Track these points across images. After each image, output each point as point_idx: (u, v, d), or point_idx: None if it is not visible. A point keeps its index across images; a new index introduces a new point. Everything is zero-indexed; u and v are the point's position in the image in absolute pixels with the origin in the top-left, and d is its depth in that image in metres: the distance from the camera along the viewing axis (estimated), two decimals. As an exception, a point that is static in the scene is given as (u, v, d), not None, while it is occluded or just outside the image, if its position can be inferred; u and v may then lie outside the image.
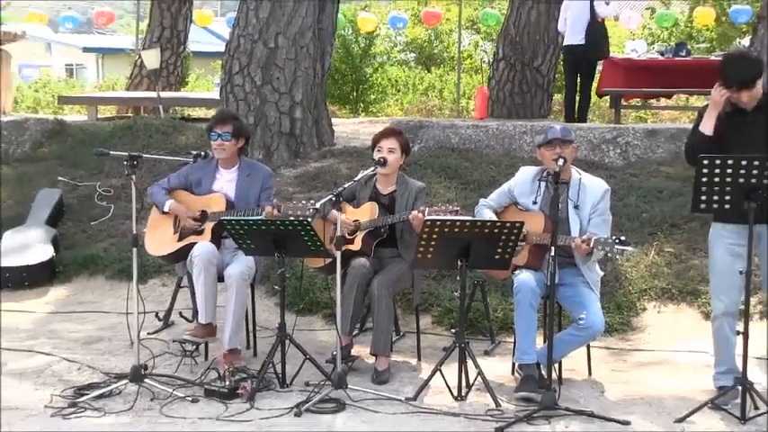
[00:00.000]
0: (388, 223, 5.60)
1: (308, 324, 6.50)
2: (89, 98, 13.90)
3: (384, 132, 5.76)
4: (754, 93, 4.95)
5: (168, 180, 5.98)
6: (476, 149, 9.09)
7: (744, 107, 5.00)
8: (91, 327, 6.57)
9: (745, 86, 4.93)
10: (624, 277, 6.83)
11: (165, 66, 13.84)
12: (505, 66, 11.60)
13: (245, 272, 5.56)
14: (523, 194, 5.45)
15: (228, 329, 5.50)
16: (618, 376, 5.62)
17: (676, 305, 6.62)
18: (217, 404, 5.00)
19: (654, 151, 8.89)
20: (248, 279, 5.61)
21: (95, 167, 8.96)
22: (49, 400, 5.05)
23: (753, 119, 4.98)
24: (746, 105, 4.99)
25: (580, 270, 5.28)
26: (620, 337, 6.32)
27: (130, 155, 5.21)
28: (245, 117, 8.90)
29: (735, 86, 4.94)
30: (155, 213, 5.95)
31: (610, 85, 11.30)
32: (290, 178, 8.54)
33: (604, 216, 5.34)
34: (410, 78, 19.84)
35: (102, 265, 7.49)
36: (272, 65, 8.90)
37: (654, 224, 7.45)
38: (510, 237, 4.94)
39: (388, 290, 5.46)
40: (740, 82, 4.93)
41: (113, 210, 8.24)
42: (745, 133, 4.95)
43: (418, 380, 5.38)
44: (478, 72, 19.96)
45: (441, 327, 6.49)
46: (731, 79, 4.97)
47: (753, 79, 4.92)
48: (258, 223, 5.17)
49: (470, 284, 6.02)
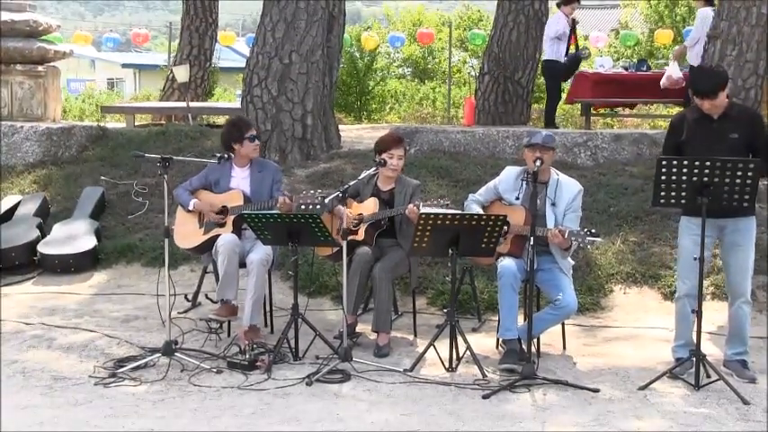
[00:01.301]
0: (387, 216, 5.58)
1: (318, 305, 6.47)
2: (127, 108, 13.82)
3: (393, 140, 5.70)
4: (717, 102, 4.88)
5: (191, 183, 5.96)
6: (464, 152, 9.06)
7: (709, 114, 4.94)
8: (129, 306, 6.55)
9: (707, 96, 4.87)
10: (594, 263, 6.81)
11: (194, 79, 13.80)
12: (490, 79, 11.54)
13: (265, 258, 5.52)
14: (507, 191, 5.42)
15: (249, 309, 5.47)
16: (589, 350, 5.61)
17: (640, 287, 6.61)
18: (238, 375, 4.99)
19: (619, 153, 8.86)
20: (267, 265, 5.58)
21: (133, 168, 8.93)
22: (92, 371, 5.05)
23: (718, 126, 4.93)
24: (710, 113, 4.94)
25: (555, 257, 5.26)
26: (591, 316, 6.30)
27: (163, 157, 5.22)
28: (263, 124, 8.90)
29: (699, 96, 4.90)
30: (181, 212, 5.91)
31: (581, 95, 11.24)
32: (302, 177, 8.51)
33: (578, 212, 5.34)
34: (407, 90, 19.79)
35: (138, 253, 7.46)
36: (287, 78, 8.87)
37: (620, 217, 7.42)
38: (495, 228, 4.93)
39: (387, 275, 5.44)
40: (702, 92, 4.88)
41: (148, 205, 8.20)
42: (708, 138, 4.91)
43: (414, 353, 5.36)
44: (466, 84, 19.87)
45: (434, 307, 6.47)
46: (696, 88, 4.93)
47: (714, 90, 4.85)
48: (275, 217, 5.17)
49: (460, 270, 5.98)
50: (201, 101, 14.01)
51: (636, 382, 4.91)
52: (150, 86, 22.73)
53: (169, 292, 5.09)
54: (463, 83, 20.08)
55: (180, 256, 7.11)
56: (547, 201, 5.26)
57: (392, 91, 19.59)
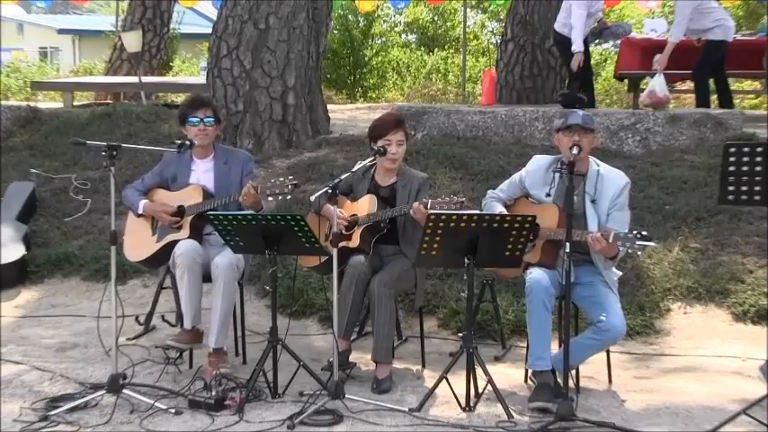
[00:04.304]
0: (388, 217, 5.57)
1: (301, 328, 6.47)
2: (64, 84, 13.85)
3: (390, 123, 5.69)
4: None
5: (143, 180, 5.97)
6: (483, 137, 9.09)
7: None
8: (65, 332, 6.53)
9: None
10: (646, 275, 6.80)
11: (147, 49, 13.84)
12: (515, 47, 11.58)
13: (234, 263, 5.51)
14: (536, 186, 5.41)
15: (215, 327, 5.46)
16: (641, 384, 5.59)
17: (704, 305, 6.59)
18: (202, 416, 4.95)
19: (676, 138, 8.89)
20: (237, 272, 5.57)
21: (71, 159, 8.94)
22: (17, 414, 4.99)
23: None
24: None
25: (598, 268, 5.24)
26: (643, 341, 6.29)
27: (109, 145, 5.19)
28: (233, 103, 8.91)
29: None
30: (131, 217, 5.91)
31: (628, 67, 11.26)
32: (283, 169, 8.51)
33: (624, 211, 5.32)
34: (412, 61, 19.86)
35: (77, 264, 7.46)
36: (263, 47, 8.89)
37: (678, 218, 7.43)
38: (521, 232, 4.93)
39: (388, 290, 5.43)
40: None
41: (90, 204, 8.21)
42: None
43: (422, 389, 5.35)
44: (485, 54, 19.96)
45: (446, 330, 6.47)
46: None
47: None
48: (247, 218, 5.15)
49: (478, 284, 5.99)
50: (157, 75, 14.03)
51: (701, 424, 4.89)
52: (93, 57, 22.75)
53: (116, 314, 5.07)
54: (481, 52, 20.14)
55: (130, 268, 7.10)
56: (586, 197, 5.26)
57: (393, 62, 19.64)
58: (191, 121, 5.77)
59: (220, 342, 5.49)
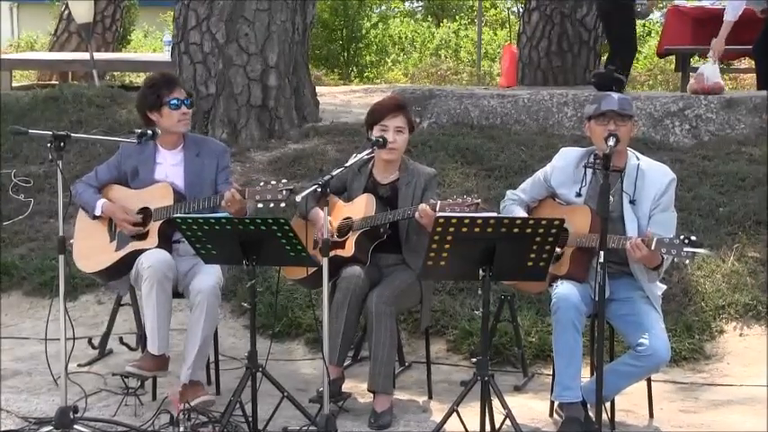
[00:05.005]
0: (388, 221, 5.59)
1: (286, 352, 6.50)
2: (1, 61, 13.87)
3: (388, 107, 5.72)
4: None
5: (96, 174, 5.94)
6: (502, 126, 9.08)
7: None
8: (4, 357, 6.53)
9: None
10: (695, 290, 6.82)
11: (101, 19, 13.85)
12: (540, 18, 11.59)
13: (218, 286, 5.53)
14: (564, 184, 5.45)
15: (191, 358, 5.46)
16: (687, 418, 5.61)
17: (763, 327, 6.61)
18: (168, 457, 4.99)
19: (733, 127, 8.90)
20: (220, 296, 5.59)
21: (10, 151, 8.94)
22: (-50, 454, 5.05)
23: None
24: None
25: (637, 281, 5.27)
26: (691, 368, 6.31)
27: (55, 134, 5.16)
28: (203, 85, 8.92)
29: None
30: (83, 218, 5.89)
31: (676, 41, 11.25)
32: (263, 164, 8.53)
33: (669, 212, 5.34)
34: (417, 35, 19.85)
35: (18, 277, 7.48)
36: (239, 17, 8.89)
37: (733, 222, 7.44)
38: (546, 238, 4.90)
39: (389, 307, 5.45)
40: None
41: (33, 205, 8.22)
42: None
43: (429, 423, 5.37)
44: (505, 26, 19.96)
45: (457, 355, 6.50)
46: None
47: None
48: (221, 221, 5.11)
49: (495, 300, 6.01)
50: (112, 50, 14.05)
51: (757, 466, 4.94)
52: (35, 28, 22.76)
53: (66, 336, 5.06)
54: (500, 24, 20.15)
55: (82, 281, 7.12)
56: (624, 197, 5.29)
57: (395, 36, 19.65)
58: (172, 104, 5.72)
59: (198, 375, 5.51)
